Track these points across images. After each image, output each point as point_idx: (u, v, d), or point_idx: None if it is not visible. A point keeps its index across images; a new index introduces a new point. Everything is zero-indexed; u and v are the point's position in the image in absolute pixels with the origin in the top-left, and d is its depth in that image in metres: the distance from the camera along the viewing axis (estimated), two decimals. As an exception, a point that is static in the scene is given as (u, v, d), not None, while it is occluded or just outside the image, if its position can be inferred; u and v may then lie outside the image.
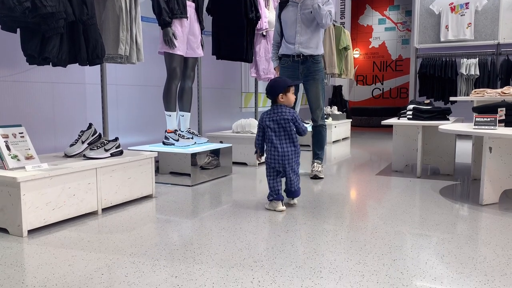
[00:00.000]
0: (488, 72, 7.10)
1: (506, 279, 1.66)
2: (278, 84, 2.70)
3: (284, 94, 2.68)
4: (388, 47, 10.85)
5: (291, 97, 2.72)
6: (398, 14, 10.63)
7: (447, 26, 7.33)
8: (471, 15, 7.16)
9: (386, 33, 10.82)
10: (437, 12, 7.41)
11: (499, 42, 7.05)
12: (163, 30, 3.43)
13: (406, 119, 3.98)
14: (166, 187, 3.38)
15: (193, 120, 4.27)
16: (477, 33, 7.19)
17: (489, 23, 7.12)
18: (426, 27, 7.62)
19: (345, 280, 1.65)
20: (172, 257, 1.91)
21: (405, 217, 2.55)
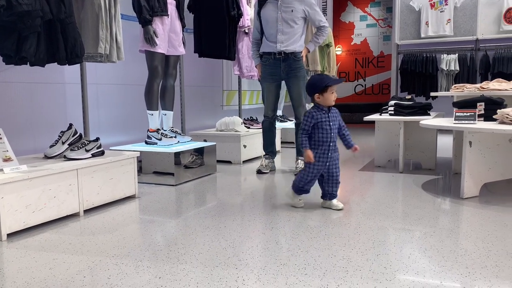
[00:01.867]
0: (468, 67, 7.21)
1: (486, 271, 1.69)
2: (315, 82, 2.57)
3: (321, 94, 2.53)
4: (370, 44, 10.93)
5: (329, 97, 2.54)
6: (379, 11, 10.72)
7: (427, 22, 7.42)
8: (450, 11, 7.26)
9: (368, 29, 10.90)
10: (417, 8, 7.49)
11: (477, 37, 7.17)
12: (144, 28, 3.39)
13: (388, 115, 4.01)
14: (149, 187, 3.35)
15: (176, 119, 4.23)
16: (456, 29, 7.30)
17: (468, 19, 7.23)
18: (406, 24, 7.70)
19: (329, 276, 1.66)
20: (156, 257, 1.89)
21: (388, 212, 2.57)
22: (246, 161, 4.54)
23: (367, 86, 11.12)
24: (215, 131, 4.62)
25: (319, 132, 2.56)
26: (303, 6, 3.69)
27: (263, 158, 4.01)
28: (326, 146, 2.56)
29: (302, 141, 2.59)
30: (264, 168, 3.92)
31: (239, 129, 4.52)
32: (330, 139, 2.57)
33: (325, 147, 2.56)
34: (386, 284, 1.58)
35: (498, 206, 2.67)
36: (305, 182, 2.63)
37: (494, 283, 1.59)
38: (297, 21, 3.70)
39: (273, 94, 3.89)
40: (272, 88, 3.87)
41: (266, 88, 3.89)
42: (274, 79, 3.84)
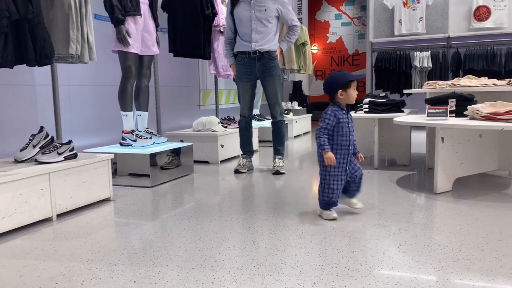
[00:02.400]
0: (440, 64, 7.36)
1: (458, 265, 1.72)
2: (336, 79, 2.35)
3: (344, 90, 2.33)
4: (345, 42, 11.04)
5: (352, 93, 2.35)
6: (353, 9, 10.83)
7: (400, 21, 7.54)
8: (423, 10, 7.40)
9: (343, 28, 11.00)
10: (391, 7, 7.61)
11: (449, 35, 7.32)
12: (116, 28, 3.34)
13: (363, 112, 4.06)
14: (125, 189, 3.30)
15: (151, 120, 4.18)
16: (429, 27, 7.44)
17: (439, 17, 7.38)
18: (380, 22, 7.81)
19: (305, 275, 1.66)
20: (131, 261, 1.86)
21: (364, 209, 2.60)
22: (223, 161, 4.52)
23: (343, 84, 11.22)
24: (192, 131, 4.58)
25: (338, 134, 2.33)
26: (276, 5, 3.70)
27: (241, 158, 4.00)
28: (346, 150, 2.35)
29: (323, 141, 2.31)
30: (241, 167, 3.91)
31: (216, 129, 4.50)
32: (349, 142, 2.35)
33: (344, 151, 2.34)
34: (361, 281, 1.60)
35: (469, 200, 2.73)
36: (329, 194, 2.36)
37: (465, 276, 1.62)
38: (271, 20, 3.70)
39: (248, 93, 3.89)
40: (247, 87, 3.86)
41: (242, 87, 3.88)
42: (249, 78, 3.83)
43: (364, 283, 1.58)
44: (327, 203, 2.38)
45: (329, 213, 2.38)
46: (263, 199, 2.93)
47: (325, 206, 2.40)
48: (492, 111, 2.78)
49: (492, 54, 7.02)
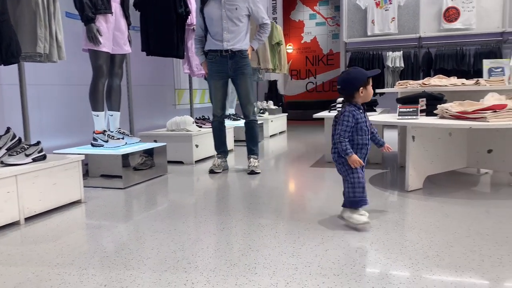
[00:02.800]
0: (412, 64, 7.51)
1: (428, 261, 1.76)
2: (356, 76, 2.21)
3: (365, 87, 2.21)
4: (320, 42, 11.14)
5: (371, 90, 2.25)
6: (327, 9, 10.94)
7: (373, 21, 7.66)
8: (395, 10, 7.54)
9: (317, 28, 11.09)
10: (364, 7, 7.72)
11: (420, 35, 7.48)
12: (87, 27, 3.26)
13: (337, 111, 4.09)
14: (97, 191, 3.23)
15: (124, 120, 4.12)
16: (401, 27, 7.59)
17: (411, 17, 7.53)
18: (354, 22, 7.91)
19: (278, 275, 1.66)
20: (102, 264, 1.82)
21: (337, 207, 2.61)
22: (198, 161, 4.49)
23: (318, 83, 11.33)
24: (166, 131, 4.53)
25: (358, 134, 2.20)
26: (246, 4, 3.70)
27: (216, 158, 3.98)
28: (365, 150, 2.24)
29: (345, 146, 2.16)
30: (216, 167, 3.89)
31: (190, 129, 4.46)
32: (368, 142, 2.25)
33: (364, 151, 2.24)
34: (334, 279, 1.61)
35: (440, 197, 2.79)
36: (360, 190, 2.20)
37: (435, 272, 1.66)
38: (242, 19, 3.70)
39: (220, 92, 3.85)
40: (219, 85, 3.82)
41: (214, 86, 3.84)
42: (221, 76, 3.79)
43: (337, 282, 1.59)
44: (357, 200, 2.21)
45: (360, 218, 2.21)
46: (238, 199, 2.92)
47: (356, 204, 2.22)
48: (461, 110, 2.85)
49: (461, 54, 7.21)
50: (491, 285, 1.53)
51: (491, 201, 2.68)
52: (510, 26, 6.99)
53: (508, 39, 7.05)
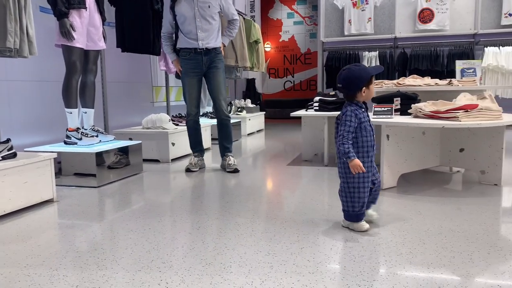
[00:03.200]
0: (387, 64, 7.62)
1: (401, 258, 1.78)
2: (359, 74, 2.07)
3: (367, 87, 2.09)
4: (297, 41, 11.19)
5: (373, 89, 2.13)
6: (305, 9, 10.99)
7: (350, 21, 7.73)
8: (371, 10, 7.62)
9: (295, 27, 11.14)
10: (341, 7, 7.78)
11: (395, 36, 7.59)
12: (59, 22, 3.18)
13: (313, 110, 4.12)
14: (70, 190, 3.16)
15: (98, 117, 4.04)
16: (377, 28, 7.68)
17: (387, 18, 7.64)
18: (331, 22, 7.97)
19: (254, 273, 1.66)
20: (74, 265, 1.78)
21: (314, 205, 2.64)
22: (175, 159, 4.45)
23: (296, 82, 11.38)
24: (142, 129, 4.47)
25: (363, 135, 2.07)
26: (218, 1, 3.69)
27: (192, 157, 3.94)
28: (372, 152, 2.11)
29: (347, 148, 2.02)
30: (193, 166, 3.85)
31: (166, 127, 4.42)
32: (374, 142, 2.12)
33: (371, 153, 2.10)
34: (309, 277, 1.62)
35: (413, 195, 2.84)
36: (359, 204, 2.09)
37: (408, 269, 1.68)
38: (215, 17, 3.68)
39: (195, 89, 3.79)
40: (194, 83, 3.76)
41: (189, 83, 3.77)
42: (196, 73, 3.74)
43: (311, 279, 1.60)
44: (358, 214, 2.11)
45: (361, 225, 2.12)
46: (214, 198, 2.90)
47: (357, 218, 2.12)
48: (434, 110, 2.90)
49: (435, 55, 7.35)
50: (462, 281, 1.56)
51: (462, 199, 2.74)
52: (482, 28, 7.17)
53: (479, 41, 7.23)
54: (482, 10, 7.17)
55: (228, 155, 3.87)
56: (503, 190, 2.93)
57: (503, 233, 2.12)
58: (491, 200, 2.70)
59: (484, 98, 3.01)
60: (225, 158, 3.86)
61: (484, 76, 6.76)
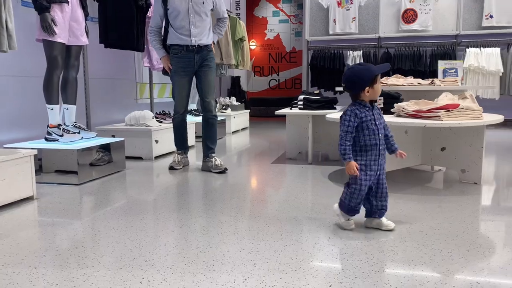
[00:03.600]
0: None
1: (383, 256, 1.80)
2: (362, 75, 2.04)
3: (371, 87, 2.04)
4: (283, 39, 11.20)
5: (378, 88, 2.07)
6: (290, 7, 11.01)
7: (335, 20, 7.77)
8: (356, 10, 7.68)
9: (280, 25, 11.14)
10: (326, 6, 7.82)
11: (379, 35, 7.66)
12: (40, 16, 3.12)
13: (298, 109, 4.13)
14: (51, 187, 3.11)
15: (81, 114, 3.98)
16: (361, 27, 7.74)
17: (371, 17, 7.70)
18: (316, 21, 8.00)
19: (236, 271, 1.66)
20: (53, 263, 1.75)
21: (297, 203, 2.65)
22: (158, 157, 4.41)
23: (281, 80, 11.40)
24: (125, 126, 4.42)
25: (365, 134, 2.06)
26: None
27: (176, 154, 3.89)
28: (376, 151, 2.07)
29: (343, 150, 2.05)
30: (176, 164, 3.81)
31: (150, 124, 4.37)
32: (379, 142, 2.07)
33: (375, 152, 2.07)
34: (291, 274, 1.62)
35: (395, 193, 2.87)
36: (356, 201, 2.11)
37: (389, 266, 1.70)
38: (208, 14, 3.62)
39: (186, 88, 3.70)
40: (184, 82, 3.66)
41: (179, 82, 3.67)
42: (187, 72, 3.63)
43: (294, 277, 1.60)
44: (352, 209, 2.13)
45: (348, 223, 2.15)
46: (198, 196, 2.89)
47: (348, 211, 2.14)
48: (416, 109, 2.93)
49: (418, 55, 7.45)
50: (442, 278, 1.59)
51: (443, 197, 2.78)
52: (464, 29, 7.29)
53: (461, 42, 7.35)
54: (464, 12, 7.28)
55: (212, 155, 3.74)
56: (482, 189, 2.98)
57: (482, 231, 2.16)
58: (471, 198, 2.74)
59: (465, 98, 3.06)
60: (209, 159, 3.72)
61: (465, 77, 6.88)
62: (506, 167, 3.86)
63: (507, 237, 2.05)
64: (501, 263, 1.72)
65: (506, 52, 7.07)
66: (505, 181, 3.34)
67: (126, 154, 3.89)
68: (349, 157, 2.04)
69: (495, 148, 4.82)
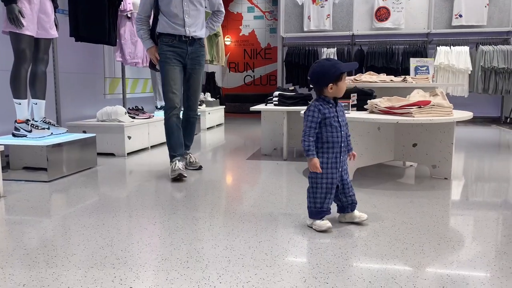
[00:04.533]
0: (345, 60, 7.76)
1: (356, 250, 1.82)
2: (327, 70, 2.00)
3: (335, 84, 2.01)
4: (258, 35, 11.18)
5: (343, 86, 2.04)
6: (265, 3, 11.00)
7: (309, 17, 7.80)
8: (330, 7, 7.73)
9: (255, 21, 11.12)
10: (300, 2, 7.84)
11: (353, 33, 7.74)
12: (7, 7, 3.02)
13: (273, 105, 4.13)
14: (18, 184, 3.01)
15: (50, 109, 3.87)
16: (335, 24, 7.80)
17: (345, 15, 7.77)
18: (291, 17, 8.02)
19: (211, 268, 1.64)
20: (21, 263, 1.69)
21: (272, 199, 2.65)
22: (131, 153, 4.34)
23: (256, 77, 11.39)
24: (96, 122, 4.33)
25: (327, 131, 2.03)
26: None
27: (176, 162, 3.23)
28: (338, 148, 2.05)
29: (307, 146, 2.02)
30: (182, 171, 3.18)
31: (122, 119, 4.29)
32: (341, 139, 2.05)
33: (336, 149, 2.05)
34: (266, 270, 1.62)
35: (368, 189, 2.91)
36: (321, 200, 2.07)
37: (363, 260, 1.72)
38: (202, 3, 3.35)
39: (179, 79, 3.31)
40: (177, 71, 3.29)
41: (171, 71, 3.26)
42: (178, 62, 3.30)
43: (269, 273, 1.60)
44: (319, 211, 2.07)
45: (322, 223, 2.06)
46: (172, 192, 2.85)
47: (316, 215, 2.07)
48: (389, 105, 2.97)
49: (391, 52, 7.56)
50: (414, 272, 1.61)
51: (414, 192, 2.84)
52: (435, 27, 7.44)
53: (432, 40, 7.50)
54: (435, 11, 7.44)
55: (187, 153, 3.61)
56: (452, 184, 3.05)
57: (452, 225, 2.21)
58: (441, 193, 2.81)
59: (436, 95, 3.12)
60: (185, 157, 3.56)
61: (436, 74, 7.04)
62: (475, 163, 3.97)
63: (476, 231, 2.10)
64: (470, 256, 1.76)
65: (474, 51, 7.26)
66: (474, 176, 3.43)
67: (98, 150, 3.81)
68: (312, 153, 2.01)
69: (465, 144, 4.96)
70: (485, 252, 1.80)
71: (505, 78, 7.08)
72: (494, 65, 7.00)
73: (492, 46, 7.10)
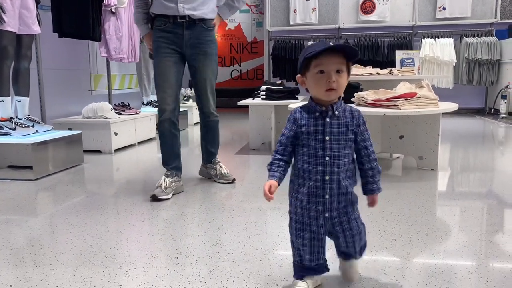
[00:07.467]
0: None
1: (346, 242, 1.83)
2: (301, 54, 1.32)
3: (304, 75, 1.34)
4: (244, 29, 11.13)
5: (317, 80, 1.29)
6: (251, -3, 10.94)
7: (295, 10, 7.79)
8: (316, 1, 7.73)
9: (241, 15, 11.06)
10: (286, -4, 7.82)
11: (339, 26, 7.76)
12: (-13, 3, 2.95)
13: (260, 99, 4.13)
14: (3, 183, 2.97)
15: (34, 106, 3.81)
16: (321, 18, 7.81)
17: (331, 8, 7.77)
18: (276, 11, 8.00)
19: (201, 263, 1.64)
20: (8, 263, 1.67)
21: (261, 193, 2.61)
22: (117, 150, 4.30)
23: (243, 71, 11.35)
24: (82, 118, 4.27)
25: (301, 153, 1.34)
26: None
27: (163, 177, 2.60)
28: (319, 181, 1.32)
29: (269, 166, 1.38)
30: (162, 192, 2.51)
31: (108, 116, 4.24)
32: (324, 168, 1.31)
33: (312, 182, 1.33)
34: (256, 265, 1.62)
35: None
36: (297, 252, 1.40)
37: (352, 252, 1.73)
38: None
39: (172, 73, 2.62)
40: (169, 64, 2.61)
41: (162, 64, 2.61)
42: (172, 51, 2.62)
43: (259, 267, 1.60)
44: (297, 266, 1.41)
45: (296, 283, 1.39)
46: (159, 188, 2.83)
47: (295, 270, 1.42)
48: (375, 98, 2.99)
49: (376, 45, 7.60)
50: (402, 262, 1.63)
51: (402, 183, 2.86)
52: (419, 20, 7.50)
53: (417, 32, 7.56)
54: (420, 3, 7.48)
55: (216, 162, 2.99)
56: (439, 175, 3.09)
57: (439, 215, 2.24)
58: (428, 184, 2.84)
59: (422, 87, 3.15)
60: (213, 166, 2.98)
61: (421, 66, 7.09)
62: (460, 154, 4.02)
63: (462, 221, 2.13)
64: (457, 246, 1.79)
65: (459, 43, 7.34)
66: (459, 167, 3.48)
67: (84, 147, 3.76)
68: (272, 176, 1.35)
69: (450, 135, 5.01)
70: (472, 242, 1.82)
71: (489, 70, 7.17)
72: (478, 56, 7.08)
73: (476, 38, 7.19)
